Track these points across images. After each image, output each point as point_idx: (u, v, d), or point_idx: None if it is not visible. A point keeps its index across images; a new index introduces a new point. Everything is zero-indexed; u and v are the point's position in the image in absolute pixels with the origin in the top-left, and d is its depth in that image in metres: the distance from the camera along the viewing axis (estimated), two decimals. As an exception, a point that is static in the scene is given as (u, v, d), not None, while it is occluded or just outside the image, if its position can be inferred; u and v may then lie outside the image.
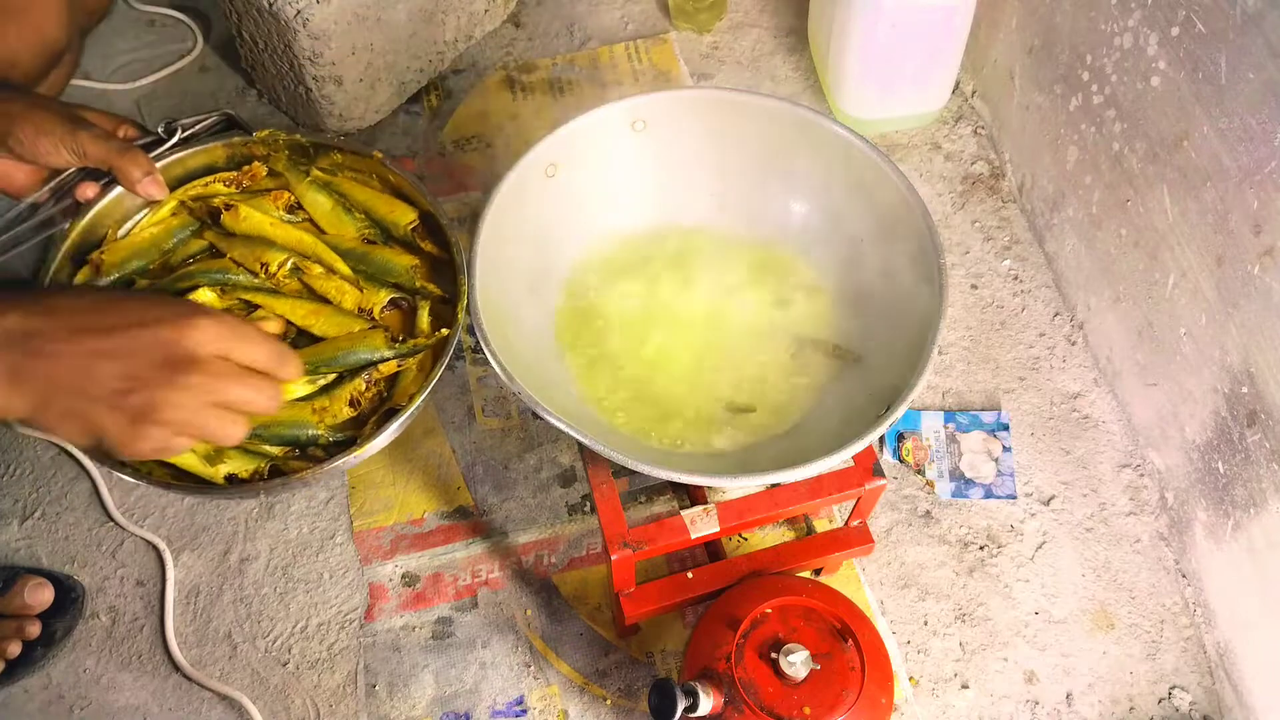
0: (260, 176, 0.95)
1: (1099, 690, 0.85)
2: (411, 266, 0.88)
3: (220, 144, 0.92)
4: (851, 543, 0.82)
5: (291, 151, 0.94)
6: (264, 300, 0.88)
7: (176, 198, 0.92)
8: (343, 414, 0.84)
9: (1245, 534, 0.81)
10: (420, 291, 0.88)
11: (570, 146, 0.81)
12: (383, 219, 0.92)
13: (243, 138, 0.92)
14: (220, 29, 1.23)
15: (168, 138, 0.89)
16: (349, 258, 0.90)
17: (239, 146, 0.93)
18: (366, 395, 0.84)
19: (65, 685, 0.86)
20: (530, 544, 0.92)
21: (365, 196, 0.94)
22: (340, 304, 0.87)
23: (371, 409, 0.84)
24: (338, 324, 0.86)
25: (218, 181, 0.93)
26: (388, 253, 0.89)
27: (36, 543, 0.92)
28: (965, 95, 1.18)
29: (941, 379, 1.00)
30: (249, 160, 0.94)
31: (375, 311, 0.87)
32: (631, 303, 0.84)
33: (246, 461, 0.81)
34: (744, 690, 0.69)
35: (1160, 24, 0.81)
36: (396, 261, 0.88)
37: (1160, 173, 0.84)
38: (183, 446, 0.59)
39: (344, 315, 0.87)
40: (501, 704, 0.85)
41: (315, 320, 0.87)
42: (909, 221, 0.76)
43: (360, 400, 0.84)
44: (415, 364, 0.85)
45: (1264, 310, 0.74)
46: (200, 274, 0.88)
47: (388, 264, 0.89)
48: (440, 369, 0.81)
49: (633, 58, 1.23)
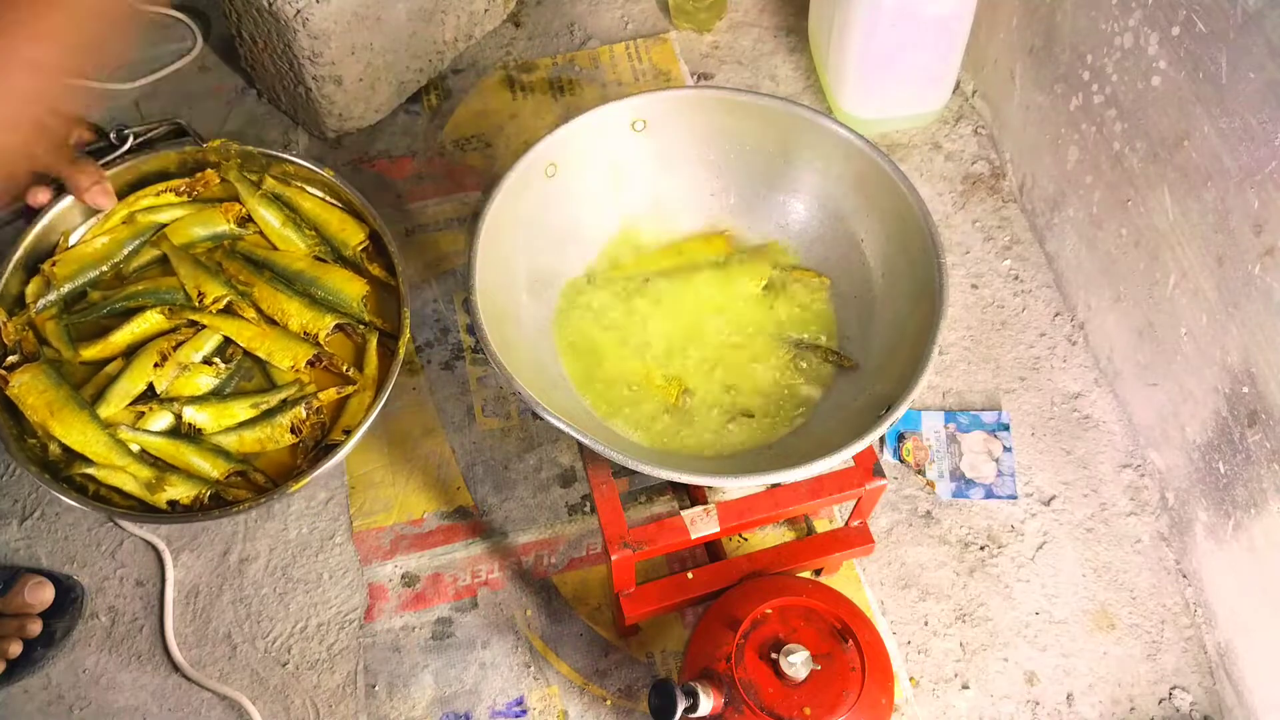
0: (213, 184, 0.96)
1: (1099, 690, 0.85)
2: (362, 297, 0.90)
3: (173, 151, 0.93)
4: (852, 543, 0.82)
5: (243, 161, 0.95)
6: (210, 320, 0.89)
7: (126, 207, 0.92)
8: (284, 440, 0.86)
9: (1246, 534, 0.81)
10: (369, 324, 0.89)
11: (570, 146, 0.81)
12: (333, 237, 0.94)
13: (194, 146, 0.93)
14: (220, 29, 1.23)
15: (119, 144, 0.89)
16: (299, 280, 0.91)
17: (191, 154, 0.94)
18: (308, 423, 0.85)
19: (65, 685, 0.86)
20: (530, 544, 0.91)
21: (316, 211, 0.95)
22: (286, 326, 0.89)
23: (313, 437, 0.86)
24: (282, 347, 0.88)
25: (169, 190, 0.94)
26: (339, 278, 0.91)
27: (36, 543, 0.92)
28: (966, 95, 1.18)
29: (942, 379, 1.00)
30: (201, 168, 0.95)
31: (320, 336, 0.88)
32: (631, 303, 0.84)
33: (189, 487, 0.82)
34: (744, 691, 0.69)
35: (1161, 24, 0.80)
36: (347, 291, 0.90)
37: (1161, 172, 0.84)
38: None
39: (290, 338, 0.88)
40: (501, 704, 0.85)
41: (260, 343, 0.89)
42: (909, 221, 0.76)
43: (301, 428, 0.85)
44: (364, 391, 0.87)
45: (1265, 310, 0.74)
46: (148, 294, 0.90)
47: (339, 293, 0.90)
48: (382, 401, 0.84)
49: (633, 57, 1.23)
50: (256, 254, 0.93)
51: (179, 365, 0.87)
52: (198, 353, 0.88)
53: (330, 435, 0.86)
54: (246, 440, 0.86)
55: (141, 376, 0.86)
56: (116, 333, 0.88)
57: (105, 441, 0.83)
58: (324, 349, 0.88)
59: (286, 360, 0.87)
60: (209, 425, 0.86)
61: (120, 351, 0.89)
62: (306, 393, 0.87)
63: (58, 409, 0.83)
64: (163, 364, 0.86)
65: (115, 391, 0.85)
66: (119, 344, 0.88)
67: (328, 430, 0.87)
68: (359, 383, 0.88)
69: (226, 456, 0.85)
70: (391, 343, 0.89)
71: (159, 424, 0.86)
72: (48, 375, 0.85)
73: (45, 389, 0.84)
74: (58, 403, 0.83)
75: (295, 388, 0.87)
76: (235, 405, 0.86)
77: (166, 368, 0.86)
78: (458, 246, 1.07)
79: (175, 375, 0.87)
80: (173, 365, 0.86)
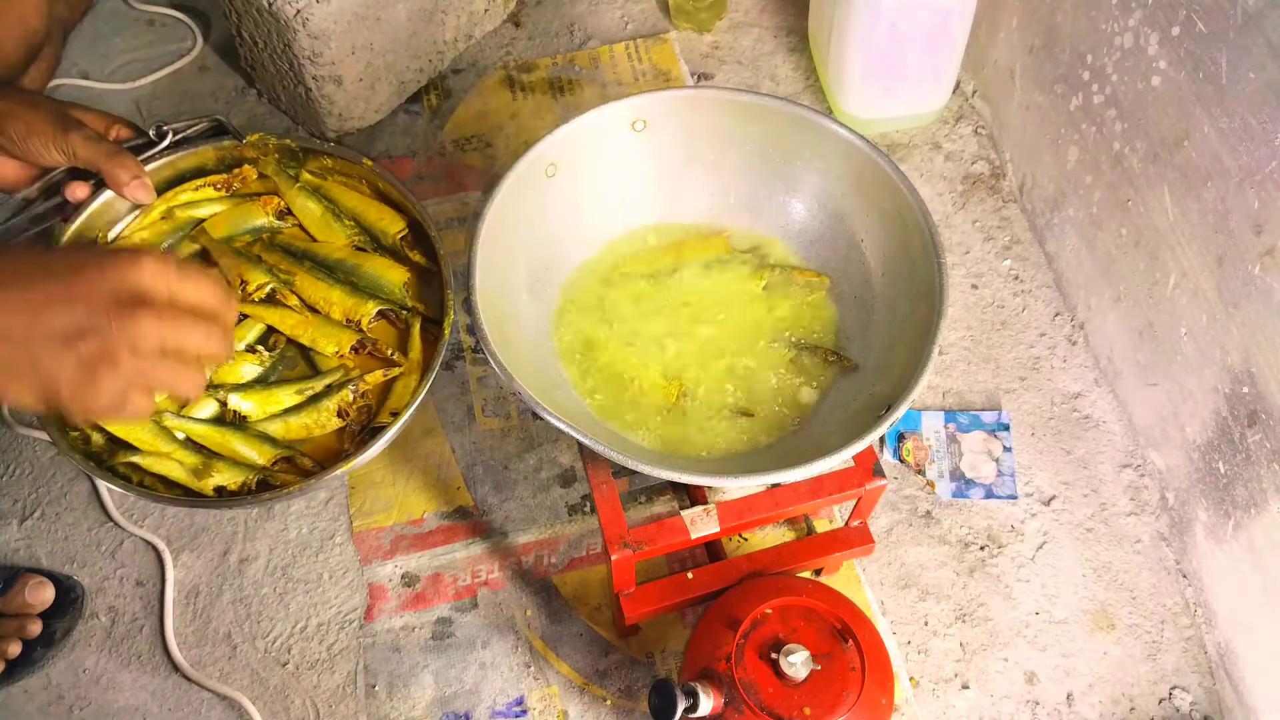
0: (250, 180, 0.95)
1: (1099, 690, 0.85)
2: (404, 283, 0.89)
3: (211, 147, 0.92)
4: (852, 543, 0.82)
5: (281, 155, 0.94)
6: (252, 310, 0.88)
7: (165, 203, 0.92)
8: (331, 424, 0.85)
9: (1246, 534, 0.81)
10: (411, 309, 0.89)
11: (570, 146, 0.81)
12: (372, 226, 0.93)
13: (233, 141, 0.92)
14: (220, 29, 1.23)
15: (158, 140, 0.89)
16: (340, 268, 0.91)
17: (229, 150, 0.93)
18: (354, 407, 0.85)
19: (65, 685, 0.86)
20: (530, 544, 0.91)
21: (354, 203, 0.94)
22: (329, 315, 0.88)
23: (359, 421, 0.85)
24: (326, 334, 0.87)
25: (208, 185, 0.94)
26: (380, 265, 0.90)
27: (36, 543, 0.92)
28: (966, 95, 1.18)
29: (942, 379, 1.00)
30: (239, 163, 0.95)
31: (363, 323, 0.87)
32: (631, 303, 0.84)
33: (235, 474, 0.82)
34: (744, 691, 0.69)
35: (1161, 24, 0.80)
36: (389, 277, 0.89)
37: (1161, 172, 0.84)
38: (141, 405, 0.56)
39: (333, 325, 0.88)
40: (501, 704, 0.85)
41: (304, 330, 0.88)
42: (909, 221, 0.76)
43: (348, 411, 0.85)
44: (409, 375, 0.86)
45: (1265, 310, 0.74)
46: None
47: (380, 279, 0.89)
48: (428, 383, 0.83)
49: (633, 57, 1.23)
50: (296, 245, 0.92)
51: None
52: (241, 341, 0.88)
53: (377, 418, 0.85)
54: (293, 426, 0.85)
55: None
56: None
57: (151, 429, 0.82)
58: (367, 335, 0.88)
59: (330, 346, 0.86)
60: (254, 413, 0.85)
61: None
62: (352, 377, 0.86)
63: None
64: None
65: None
66: None
67: (374, 414, 0.86)
68: (404, 366, 0.86)
69: (273, 443, 0.84)
70: (435, 328, 0.88)
71: (204, 412, 0.85)
72: None
73: None
74: None
75: (340, 373, 0.86)
76: (280, 392, 0.85)
77: None
78: (458, 246, 1.07)
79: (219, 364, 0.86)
80: None
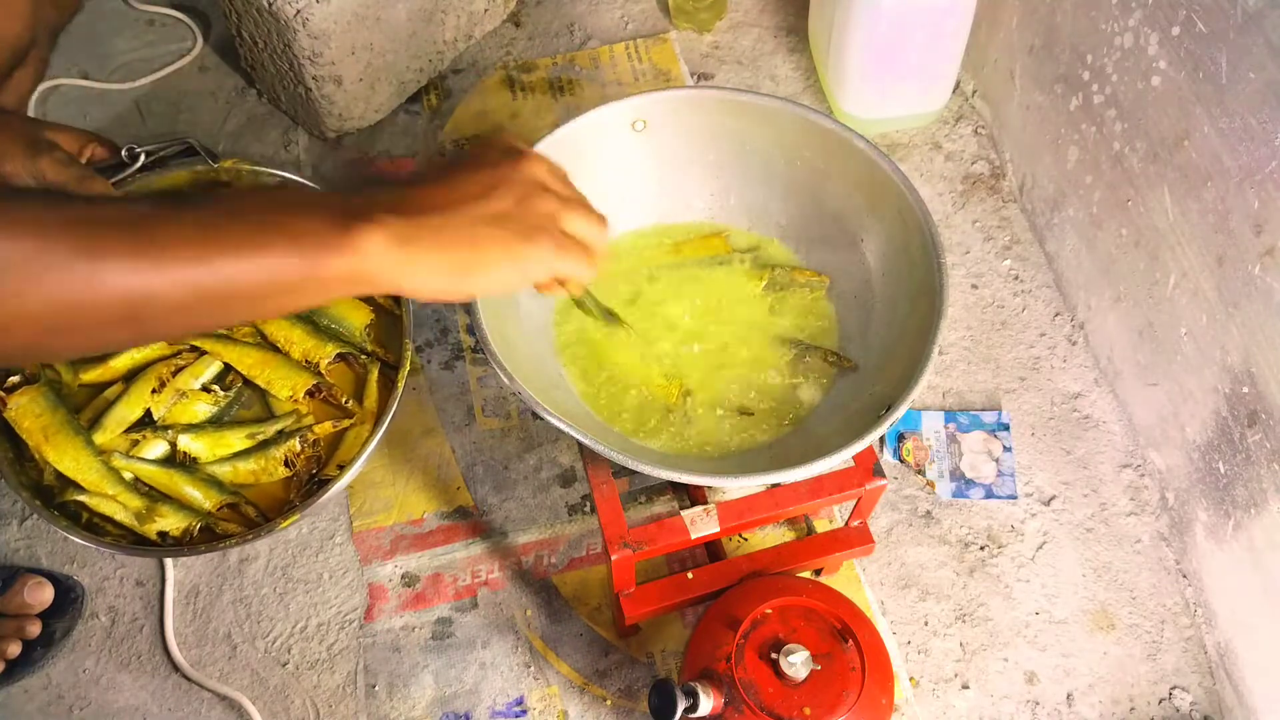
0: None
1: (1099, 690, 0.85)
2: (365, 326, 0.89)
3: (184, 170, 0.93)
4: (852, 543, 0.82)
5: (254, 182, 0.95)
6: (212, 346, 0.88)
7: None
8: (278, 473, 0.85)
9: (1246, 534, 0.81)
10: (371, 354, 0.89)
11: (570, 146, 0.81)
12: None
13: (206, 165, 0.92)
14: (220, 29, 1.23)
15: (130, 163, 0.89)
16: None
17: (204, 174, 0.93)
18: (301, 457, 0.85)
19: (65, 685, 0.86)
20: (530, 544, 0.91)
21: None
22: (289, 353, 0.88)
23: (306, 471, 0.85)
24: (282, 376, 0.88)
25: None
26: (344, 305, 0.91)
27: (36, 543, 0.92)
28: (966, 95, 1.18)
29: (942, 379, 1.00)
30: (212, 186, 0.95)
31: (321, 365, 0.88)
32: (632, 303, 0.84)
33: (179, 519, 0.82)
34: (744, 691, 0.69)
35: (1161, 23, 0.80)
36: (351, 319, 0.90)
37: (1161, 172, 0.84)
38: (574, 256, 0.59)
39: (291, 366, 0.88)
40: (501, 704, 0.85)
41: (260, 371, 0.88)
42: (909, 221, 0.76)
43: (295, 461, 0.85)
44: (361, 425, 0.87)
45: (1265, 310, 0.74)
46: None
47: (342, 320, 0.90)
48: (379, 436, 0.83)
49: (633, 57, 1.23)
50: None
51: (177, 391, 0.87)
52: (197, 379, 0.88)
53: (325, 469, 0.86)
54: (240, 471, 0.85)
55: (139, 402, 0.86)
56: (117, 356, 0.88)
57: (97, 469, 0.83)
58: (324, 379, 0.88)
59: (285, 390, 0.87)
60: (204, 454, 0.86)
61: (120, 376, 0.89)
62: (304, 424, 0.86)
63: (52, 434, 0.83)
64: (161, 390, 0.86)
65: (112, 417, 0.85)
66: (119, 368, 0.88)
67: (323, 464, 0.87)
68: (357, 416, 0.88)
69: (220, 487, 0.84)
70: (392, 373, 0.88)
71: (154, 452, 0.86)
72: (46, 398, 0.85)
73: (42, 412, 0.84)
74: (53, 427, 0.83)
75: (293, 418, 0.87)
76: (231, 435, 0.86)
77: (164, 394, 0.86)
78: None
79: (173, 402, 0.86)
80: (170, 391, 0.86)
